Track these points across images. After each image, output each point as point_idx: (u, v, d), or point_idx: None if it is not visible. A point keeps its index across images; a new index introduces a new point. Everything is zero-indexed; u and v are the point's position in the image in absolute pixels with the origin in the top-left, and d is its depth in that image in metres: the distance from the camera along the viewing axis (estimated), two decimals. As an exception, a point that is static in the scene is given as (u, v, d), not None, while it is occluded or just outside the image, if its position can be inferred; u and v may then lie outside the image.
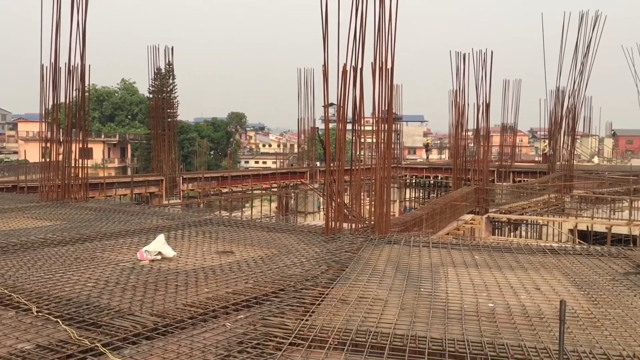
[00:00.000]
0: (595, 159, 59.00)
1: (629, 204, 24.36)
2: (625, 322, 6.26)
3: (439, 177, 43.72)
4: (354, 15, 11.21)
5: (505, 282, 8.13)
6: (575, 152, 44.41)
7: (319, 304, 6.61)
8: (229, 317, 6.18)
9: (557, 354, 5.11)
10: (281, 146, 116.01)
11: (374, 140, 12.62)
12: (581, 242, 20.67)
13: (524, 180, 37.56)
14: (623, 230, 22.76)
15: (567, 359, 5.01)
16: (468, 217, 21.74)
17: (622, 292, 7.67)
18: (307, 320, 5.98)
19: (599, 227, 23.32)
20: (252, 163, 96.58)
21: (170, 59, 33.09)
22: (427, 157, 56.10)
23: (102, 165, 55.37)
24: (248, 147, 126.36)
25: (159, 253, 9.22)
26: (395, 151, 42.61)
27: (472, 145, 28.90)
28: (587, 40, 32.37)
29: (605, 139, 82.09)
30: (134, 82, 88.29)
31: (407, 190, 45.58)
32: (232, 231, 12.38)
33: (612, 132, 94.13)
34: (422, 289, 7.59)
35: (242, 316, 6.21)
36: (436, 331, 5.79)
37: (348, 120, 12.84)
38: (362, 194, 13.59)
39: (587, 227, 23.45)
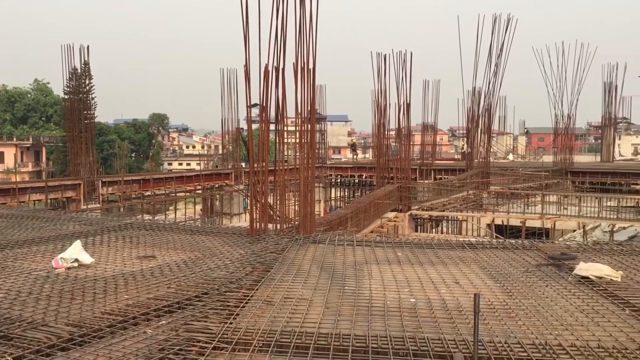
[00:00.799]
0: (510, 156, 61.61)
1: (541, 198, 25.58)
2: (538, 312, 6.56)
3: (364, 176, 44.35)
4: (275, 16, 11.19)
5: (427, 278, 8.35)
6: (492, 150, 46.22)
7: (243, 306, 6.55)
8: (150, 324, 6.02)
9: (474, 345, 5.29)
10: (205, 147, 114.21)
11: (298, 140, 12.64)
12: (498, 236, 21.52)
13: (444, 178, 38.73)
14: (536, 223, 23.88)
15: (483, 349, 5.19)
16: (392, 214, 22.16)
17: (535, 283, 8.04)
18: (231, 323, 5.91)
19: (515, 221, 24.37)
20: (175, 165, 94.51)
21: (87, 58, 31.92)
22: (354, 157, 56.80)
23: (14, 170, 52.67)
24: (171, 148, 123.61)
25: (76, 260, 8.86)
26: (320, 151, 42.89)
27: (395, 144, 29.48)
28: (500, 42, 33.76)
29: (519, 137, 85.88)
30: (48, 83, 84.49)
31: (333, 190, 45.99)
32: (154, 235, 12.08)
33: (526, 130, 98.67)
34: (346, 287, 7.67)
35: (163, 322, 6.06)
36: (360, 328, 5.86)
37: (271, 121, 12.80)
38: (287, 194, 13.58)
39: (502, 222, 24.46)
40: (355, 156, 57.41)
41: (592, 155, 60.67)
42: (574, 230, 25.87)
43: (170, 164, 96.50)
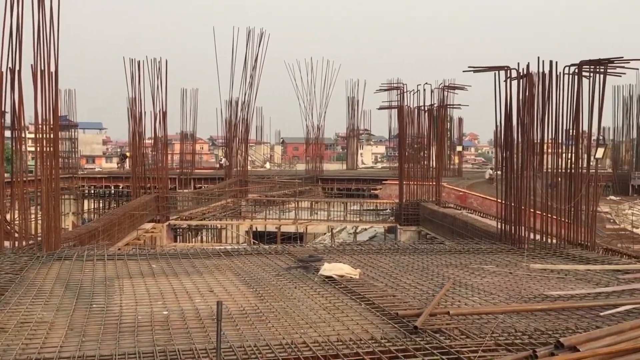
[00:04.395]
0: (267, 165, 64.16)
1: (295, 204, 27.07)
2: (287, 313, 6.91)
3: (120, 187, 42.43)
4: (9, 14, 10.12)
5: (181, 288, 8.26)
6: (250, 159, 47.65)
7: (-32, 338, 5.77)
8: None
9: (227, 352, 5.37)
10: None
11: (40, 148, 11.57)
12: (255, 242, 22.21)
13: (204, 187, 38.79)
14: (291, 228, 25.20)
15: (233, 354, 5.30)
16: (149, 225, 21.50)
17: (285, 285, 8.46)
18: (-49, 358, 5.16)
19: (271, 227, 25.42)
20: None
21: None
22: (122, 167, 53.96)
23: None
24: None
25: None
26: (70, 160, 39.95)
27: (153, 152, 28.71)
28: (254, 55, 35.06)
29: (276, 146, 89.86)
30: None
31: (86, 202, 43.05)
32: None
33: (281, 139, 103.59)
34: (94, 305, 7.24)
35: None
36: (107, 348, 5.56)
37: (7, 127, 11.56)
38: (29, 207, 12.35)
39: (256, 228, 25.34)
40: (122, 167, 54.62)
41: (340, 163, 66.03)
42: (325, 233, 27.93)
43: None
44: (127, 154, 63.60)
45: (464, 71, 13.44)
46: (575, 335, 5.39)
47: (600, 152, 13.52)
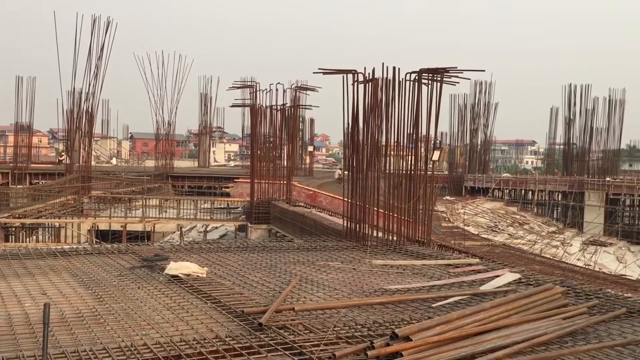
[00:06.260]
0: (114, 161, 61.23)
1: (143, 202, 26.10)
2: (128, 314, 6.61)
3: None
4: None
5: (10, 292, 7.60)
6: (95, 154, 45.18)
7: None
8: None
9: (59, 357, 5.02)
10: None
11: None
12: (99, 241, 21.05)
13: (42, 182, 36.21)
14: (138, 227, 24.23)
15: (65, 358, 4.98)
16: (-25, 224, 19.60)
17: (127, 285, 8.10)
18: None
19: (116, 226, 24.25)
20: None
21: None
22: None
23: None
24: None
25: None
26: None
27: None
28: (100, 44, 33.28)
29: (123, 141, 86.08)
30: None
31: None
32: None
33: (130, 134, 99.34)
34: None
35: None
36: None
37: None
38: None
39: (97, 227, 24.07)
40: None
41: (192, 160, 64.72)
42: (174, 232, 27.20)
43: None
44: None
45: (314, 72, 13.76)
46: (409, 325, 5.72)
47: (436, 155, 14.51)
